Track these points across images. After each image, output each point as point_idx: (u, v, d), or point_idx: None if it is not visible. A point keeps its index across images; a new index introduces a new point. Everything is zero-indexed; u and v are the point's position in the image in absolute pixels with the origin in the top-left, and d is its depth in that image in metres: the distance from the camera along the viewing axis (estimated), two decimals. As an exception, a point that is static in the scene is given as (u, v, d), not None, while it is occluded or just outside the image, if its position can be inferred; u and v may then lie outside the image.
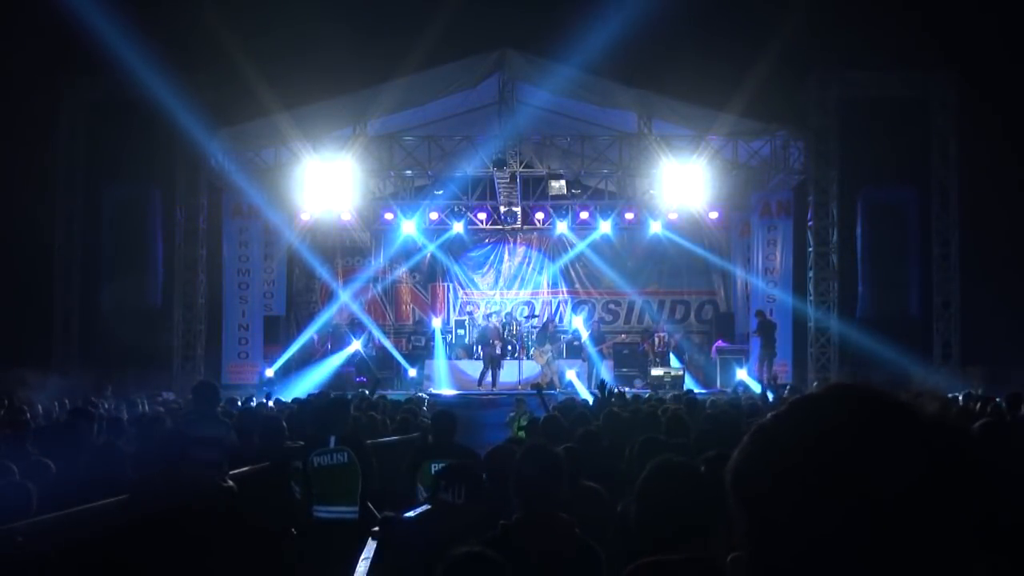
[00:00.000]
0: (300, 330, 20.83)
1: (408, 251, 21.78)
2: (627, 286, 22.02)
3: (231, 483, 5.16)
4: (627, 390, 15.41)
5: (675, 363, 19.61)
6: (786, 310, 18.91)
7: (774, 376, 17.73)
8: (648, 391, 16.39)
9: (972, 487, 0.85)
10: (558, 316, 22.14)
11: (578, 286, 22.48)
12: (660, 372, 18.59)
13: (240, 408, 11.21)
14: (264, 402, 13.60)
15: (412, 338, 20.69)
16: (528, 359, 19.14)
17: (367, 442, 6.74)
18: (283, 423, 7.42)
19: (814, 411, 0.93)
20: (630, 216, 20.46)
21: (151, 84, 15.89)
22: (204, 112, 16.60)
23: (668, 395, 13.28)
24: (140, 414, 10.50)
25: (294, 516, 6.19)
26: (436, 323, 20.87)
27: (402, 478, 6.28)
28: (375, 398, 12.41)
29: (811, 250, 18.32)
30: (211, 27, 15.75)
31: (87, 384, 14.15)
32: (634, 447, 5.15)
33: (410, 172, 19.46)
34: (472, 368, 19.04)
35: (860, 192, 18.20)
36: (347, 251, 22.31)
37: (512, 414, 12.90)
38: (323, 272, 21.80)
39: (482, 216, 20.71)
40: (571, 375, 18.53)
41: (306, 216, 19.60)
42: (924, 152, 18.03)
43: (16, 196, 17.14)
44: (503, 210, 20.30)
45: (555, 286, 22.48)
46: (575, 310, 22.15)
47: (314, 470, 6.13)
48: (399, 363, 19.57)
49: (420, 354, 19.66)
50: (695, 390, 16.81)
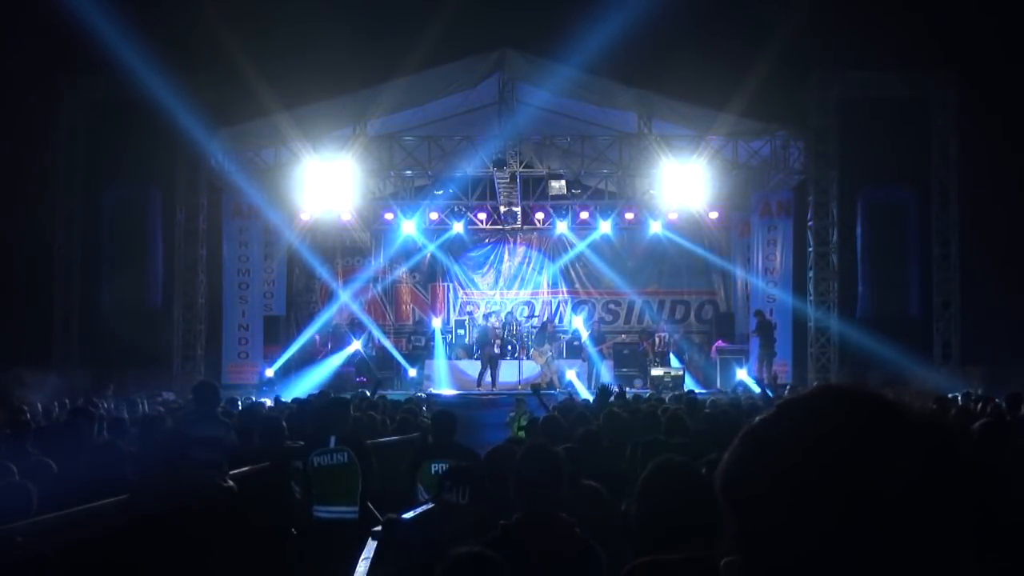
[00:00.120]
0: (300, 330, 20.83)
1: (408, 251, 21.77)
2: (627, 286, 22.01)
3: (231, 483, 5.15)
4: (627, 390, 15.41)
5: (675, 363, 19.61)
6: (786, 310, 18.90)
7: (774, 376, 17.74)
8: (648, 391, 16.39)
9: (965, 486, 0.85)
10: (558, 316, 22.14)
11: (578, 286, 22.48)
12: (660, 372, 18.58)
13: (240, 408, 11.22)
14: (261, 401, 13.61)
15: (412, 338, 20.69)
16: (528, 359, 19.14)
17: (367, 442, 6.74)
18: (283, 423, 7.41)
19: (804, 413, 0.92)
20: (630, 216, 20.46)
21: (151, 84, 15.89)
22: (204, 112, 16.60)
23: (668, 395, 13.28)
24: (140, 414, 10.50)
25: (294, 516, 6.19)
26: (436, 323, 20.86)
27: (402, 478, 6.28)
28: (375, 398, 12.42)
29: (811, 250, 18.32)
30: (211, 27, 15.76)
31: (87, 384, 14.15)
32: (636, 449, 5.16)
33: (410, 172, 19.47)
34: (472, 368, 19.03)
35: (860, 192, 18.20)
36: (347, 251, 22.31)
37: (512, 414, 12.90)
38: (323, 272, 21.80)
39: (482, 216, 20.71)
40: (571, 375, 18.53)
41: (306, 216, 19.61)
42: (924, 152, 18.03)
43: (16, 196, 17.14)
44: (503, 210, 20.30)
45: (555, 286, 22.48)
46: (575, 310, 22.14)
47: (314, 470, 6.14)
48: (399, 363, 19.57)
49: (420, 354, 19.66)
50: (695, 390, 16.81)
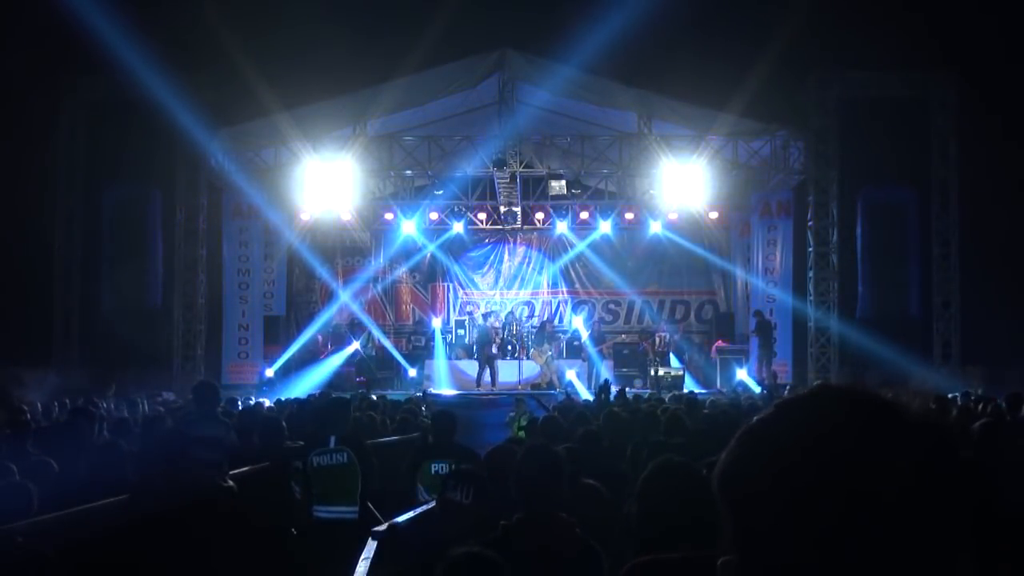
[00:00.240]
0: (300, 330, 20.83)
1: (408, 251, 21.77)
2: (627, 286, 22.01)
3: (231, 483, 5.15)
4: (627, 390, 15.41)
5: (675, 363, 19.61)
6: (786, 310, 18.90)
7: (774, 375, 17.74)
8: (648, 391, 16.39)
9: (964, 487, 0.84)
10: (557, 316, 22.14)
11: (578, 286, 22.47)
12: (660, 372, 18.58)
13: (240, 408, 11.22)
14: (261, 402, 13.60)
15: (412, 338, 20.69)
16: (528, 359, 19.14)
17: (367, 442, 6.75)
18: (283, 423, 7.41)
19: (802, 413, 0.92)
20: (630, 216, 20.45)
21: (151, 84, 15.89)
22: (204, 112, 16.59)
23: (668, 395, 13.27)
24: (140, 414, 10.50)
25: (294, 516, 6.19)
26: (436, 323, 20.86)
27: (402, 478, 6.28)
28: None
29: (811, 250, 18.32)
30: (211, 27, 15.74)
31: (87, 384, 14.14)
32: (641, 449, 5.15)
33: (410, 172, 19.47)
34: (472, 368, 19.03)
35: (860, 192, 18.20)
36: (347, 251, 22.30)
37: (512, 414, 12.90)
38: (323, 272, 21.80)
39: (482, 216, 20.71)
40: (571, 375, 18.52)
41: (306, 216, 19.60)
42: (924, 152, 18.02)
43: (16, 196, 17.13)
44: (503, 210, 20.29)
45: (555, 286, 22.47)
46: (575, 310, 22.14)
47: (314, 470, 6.14)
48: (399, 363, 19.57)
49: (420, 354, 19.65)
50: (695, 390, 16.82)
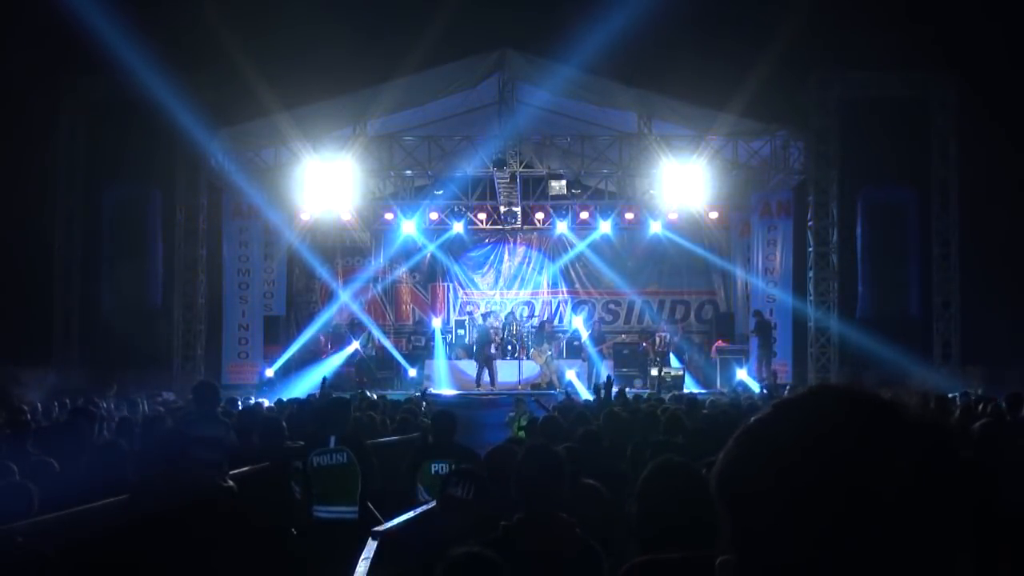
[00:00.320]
0: (300, 330, 20.83)
1: (408, 251, 21.76)
2: (627, 286, 22.00)
3: (231, 483, 5.15)
4: (627, 390, 15.41)
5: (675, 363, 19.61)
6: (786, 310, 18.90)
7: (773, 374, 17.73)
8: (648, 391, 16.39)
9: (963, 487, 0.84)
10: (557, 316, 22.14)
11: (578, 286, 22.47)
12: (660, 372, 18.59)
13: (240, 408, 11.22)
14: (260, 402, 13.61)
15: (412, 338, 20.69)
16: (528, 359, 19.15)
17: (367, 442, 6.75)
18: (283, 423, 7.41)
19: (800, 413, 0.91)
20: (630, 216, 20.44)
21: (151, 84, 15.88)
22: (204, 112, 16.58)
23: (668, 396, 13.27)
24: (140, 414, 10.50)
25: (294, 516, 6.19)
26: (436, 323, 20.86)
27: (402, 478, 6.28)
28: (375, 397, 12.43)
29: (811, 250, 18.31)
30: (211, 27, 15.74)
31: (88, 384, 14.14)
32: (640, 450, 5.14)
33: (410, 172, 19.47)
34: (472, 368, 19.04)
35: (860, 192, 18.19)
36: (347, 251, 22.30)
37: (512, 414, 12.90)
38: (323, 272, 21.79)
39: (482, 216, 20.70)
40: (571, 375, 18.52)
41: (306, 216, 19.60)
42: (924, 152, 18.02)
43: (16, 196, 17.12)
44: (503, 210, 20.29)
45: (555, 286, 22.47)
46: (575, 310, 22.13)
47: (314, 470, 6.14)
48: (399, 363, 19.57)
49: (420, 354, 19.65)
50: (695, 390, 16.82)
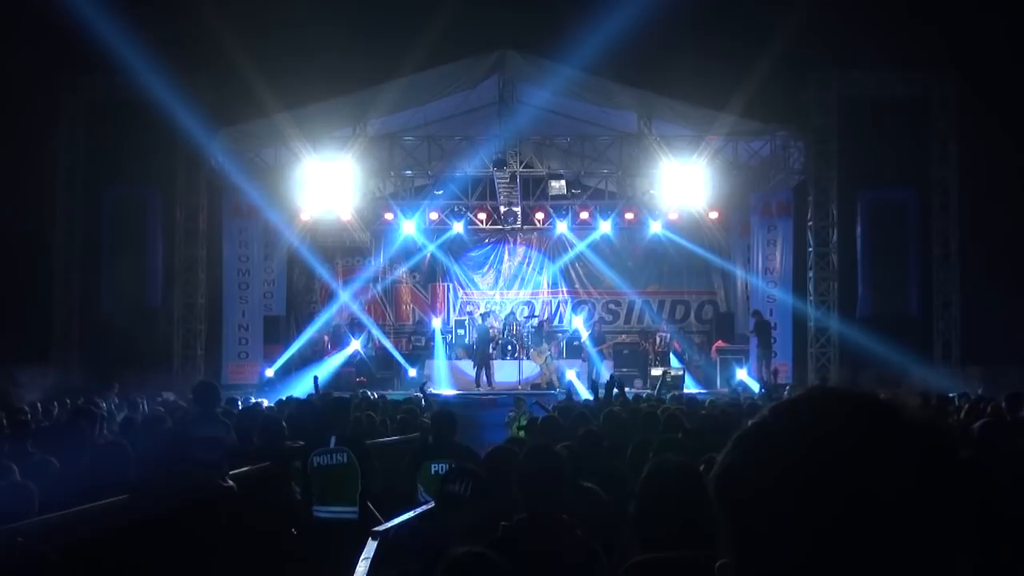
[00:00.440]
0: (300, 330, 20.83)
1: (408, 251, 21.76)
2: (627, 286, 22.00)
3: (231, 483, 5.16)
4: (628, 390, 15.40)
5: (675, 363, 19.60)
6: (786, 310, 18.89)
7: (774, 373, 17.72)
8: (648, 391, 16.38)
9: (962, 487, 0.84)
10: (557, 316, 22.14)
11: (578, 286, 22.46)
12: (660, 372, 18.56)
13: (240, 408, 11.22)
14: (259, 402, 13.61)
15: (412, 338, 20.70)
16: (527, 359, 19.14)
17: (367, 442, 6.75)
18: (283, 423, 7.41)
19: (798, 415, 0.91)
20: (630, 216, 20.42)
21: (151, 84, 15.90)
22: (204, 112, 16.59)
23: (668, 395, 13.26)
24: (140, 414, 10.49)
25: (294, 516, 6.19)
26: (436, 323, 20.87)
27: (402, 478, 6.28)
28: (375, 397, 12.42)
29: (811, 250, 18.32)
30: (211, 27, 15.74)
31: (89, 384, 14.12)
32: (642, 450, 5.14)
33: (410, 172, 19.48)
34: (472, 369, 19.03)
35: (860, 192, 18.20)
36: (347, 251, 22.29)
37: (511, 414, 12.91)
38: (323, 272, 21.78)
39: (482, 216, 20.69)
40: (571, 375, 18.52)
41: (306, 216, 19.58)
42: (924, 152, 18.03)
43: (16, 196, 17.12)
44: (503, 210, 20.29)
45: (555, 286, 22.46)
46: (575, 310, 22.13)
47: (314, 470, 6.14)
48: (399, 363, 19.57)
49: (420, 354, 19.65)
50: (695, 390, 16.82)
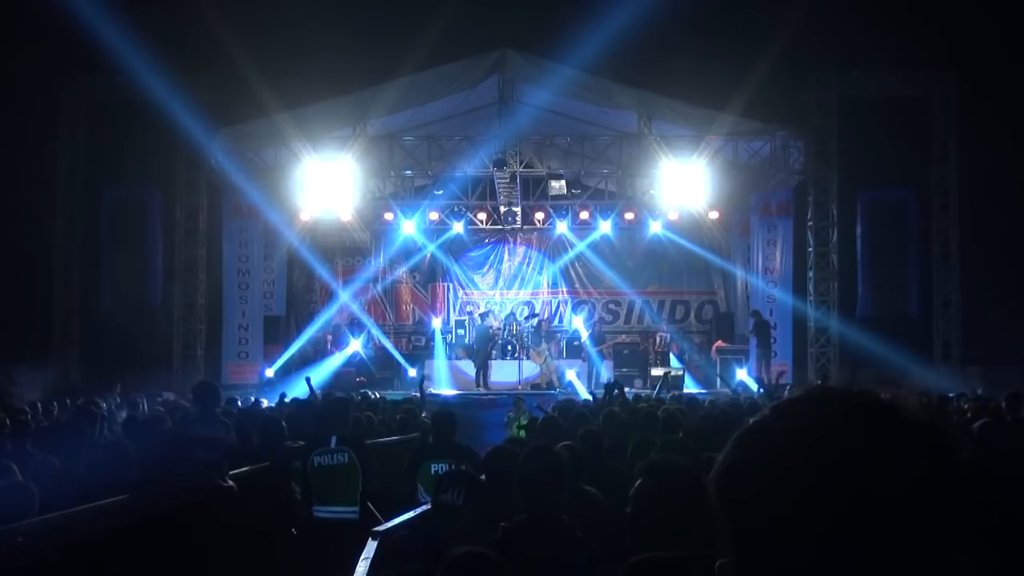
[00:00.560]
0: (300, 330, 20.82)
1: (408, 251, 21.75)
2: (627, 286, 21.99)
3: (231, 483, 5.15)
4: (628, 390, 15.40)
5: (675, 363, 19.60)
6: (786, 310, 18.88)
7: (780, 373, 17.68)
8: (648, 391, 16.37)
9: (963, 488, 0.84)
10: (558, 316, 22.13)
11: (578, 286, 22.46)
12: (660, 372, 18.56)
13: (240, 408, 11.22)
14: (259, 401, 13.62)
15: (412, 338, 20.69)
16: (527, 359, 19.14)
17: (368, 442, 6.75)
18: (283, 423, 7.41)
19: (799, 415, 0.91)
20: (630, 216, 20.42)
21: (151, 84, 15.89)
22: (204, 112, 16.59)
23: (668, 395, 13.26)
24: (140, 414, 10.49)
25: (294, 516, 6.19)
26: (436, 323, 20.86)
27: (402, 478, 6.28)
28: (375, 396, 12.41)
29: (811, 250, 18.32)
30: (211, 27, 15.74)
31: (90, 383, 14.13)
32: (643, 450, 5.14)
33: (410, 172, 19.48)
34: (472, 369, 19.03)
35: (860, 192, 18.20)
36: (347, 251, 22.28)
37: (511, 414, 12.91)
38: (323, 272, 21.77)
39: (482, 216, 20.69)
40: (571, 375, 18.51)
41: (306, 216, 19.58)
42: (924, 152, 18.02)
43: (16, 196, 17.12)
44: (503, 210, 20.30)
45: (555, 286, 22.46)
46: (575, 310, 22.12)
47: (314, 470, 6.14)
48: (399, 363, 19.56)
49: (420, 354, 19.64)
50: (695, 390, 16.81)
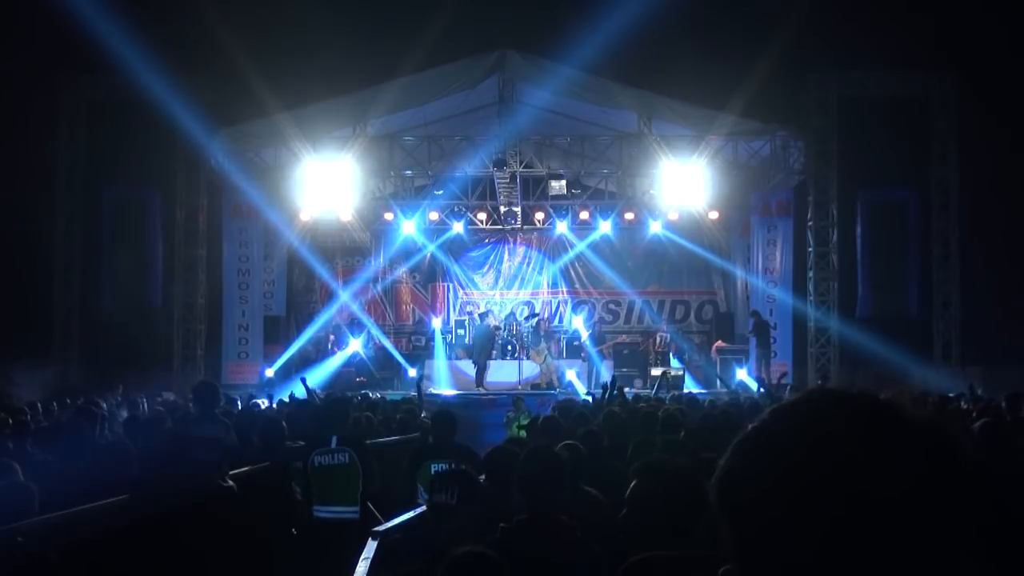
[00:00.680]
0: (300, 330, 20.82)
1: (408, 251, 21.75)
2: (627, 286, 21.99)
3: (231, 483, 5.16)
4: (627, 390, 15.39)
5: (675, 363, 19.59)
6: (786, 310, 18.88)
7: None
8: (648, 391, 16.37)
9: (965, 488, 0.83)
10: (558, 316, 22.13)
11: (578, 286, 22.45)
12: (660, 372, 18.54)
13: (240, 408, 11.22)
14: (258, 402, 13.61)
15: (412, 338, 20.69)
16: (527, 359, 19.14)
17: (368, 442, 6.75)
18: (283, 423, 7.41)
19: (798, 418, 0.90)
20: (630, 216, 20.41)
21: (151, 84, 15.89)
22: (204, 112, 16.59)
23: (667, 395, 13.26)
24: (140, 414, 10.49)
25: (294, 516, 6.19)
26: (436, 323, 20.86)
27: (402, 478, 6.28)
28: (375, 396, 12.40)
29: (811, 250, 18.32)
30: (211, 27, 15.73)
31: (90, 383, 14.13)
32: (644, 450, 5.14)
33: (410, 172, 19.48)
34: (472, 369, 19.03)
35: (860, 192, 18.20)
36: (347, 251, 22.28)
37: (511, 414, 12.91)
38: (323, 272, 21.77)
39: (482, 216, 20.68)
40: (571, 375, 18.51)
41: (306, 216, 19.58)
42: (924, 152, 18.02)
43: (16, 196, 17.12)
44: (503, 210, 20.29)
45: (555, 286, 22.45)
46: (575, 310, 22.12)
47: (315, 470, 6.14)
48: (399, 363, 19.56)
49: (420, 354, 19.64)
50: (695, 390, 16.80)
